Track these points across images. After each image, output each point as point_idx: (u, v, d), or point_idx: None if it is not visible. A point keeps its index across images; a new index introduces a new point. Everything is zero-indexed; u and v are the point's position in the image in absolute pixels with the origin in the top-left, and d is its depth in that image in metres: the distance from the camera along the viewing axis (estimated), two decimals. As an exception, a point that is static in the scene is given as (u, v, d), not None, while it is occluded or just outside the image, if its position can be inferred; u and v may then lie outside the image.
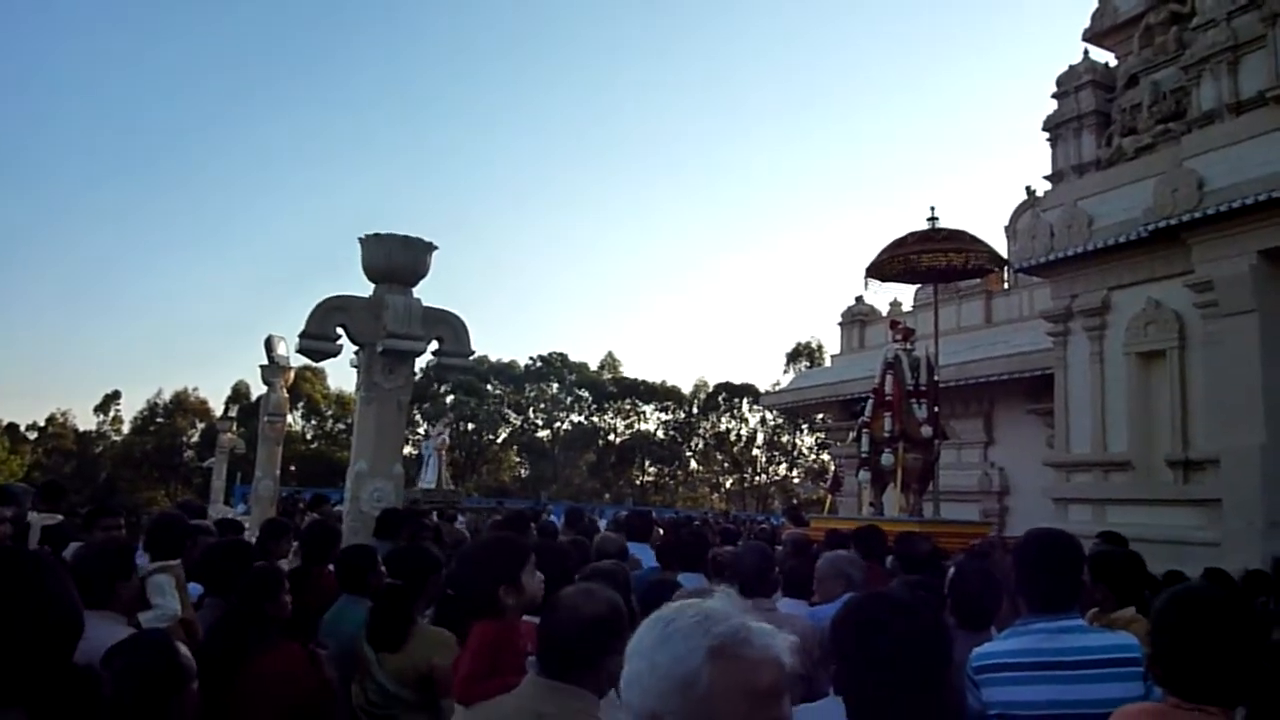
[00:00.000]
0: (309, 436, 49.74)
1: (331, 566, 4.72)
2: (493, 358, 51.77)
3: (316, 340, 6.06)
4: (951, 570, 4.31)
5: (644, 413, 55.17)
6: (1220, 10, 10.53)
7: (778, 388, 37.21)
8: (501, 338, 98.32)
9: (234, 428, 22.30)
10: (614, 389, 54.27)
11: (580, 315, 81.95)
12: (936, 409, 9.01)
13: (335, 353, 6.30)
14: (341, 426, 47.14)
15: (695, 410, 54.47)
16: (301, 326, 6.08)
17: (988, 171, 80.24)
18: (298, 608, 3.71)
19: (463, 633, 2.98)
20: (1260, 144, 9.68)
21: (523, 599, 2.82)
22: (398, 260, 6.24)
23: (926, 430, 8.64)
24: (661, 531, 9.60)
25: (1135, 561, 3.77)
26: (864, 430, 9.03)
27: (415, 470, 23.16)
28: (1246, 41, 10.21)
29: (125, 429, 51.30)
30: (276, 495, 13.13)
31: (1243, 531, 9.17)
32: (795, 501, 44.05)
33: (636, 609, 4.12)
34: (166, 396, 50.22)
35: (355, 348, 6.35)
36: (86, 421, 51.73)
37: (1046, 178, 13.69)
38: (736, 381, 53.22)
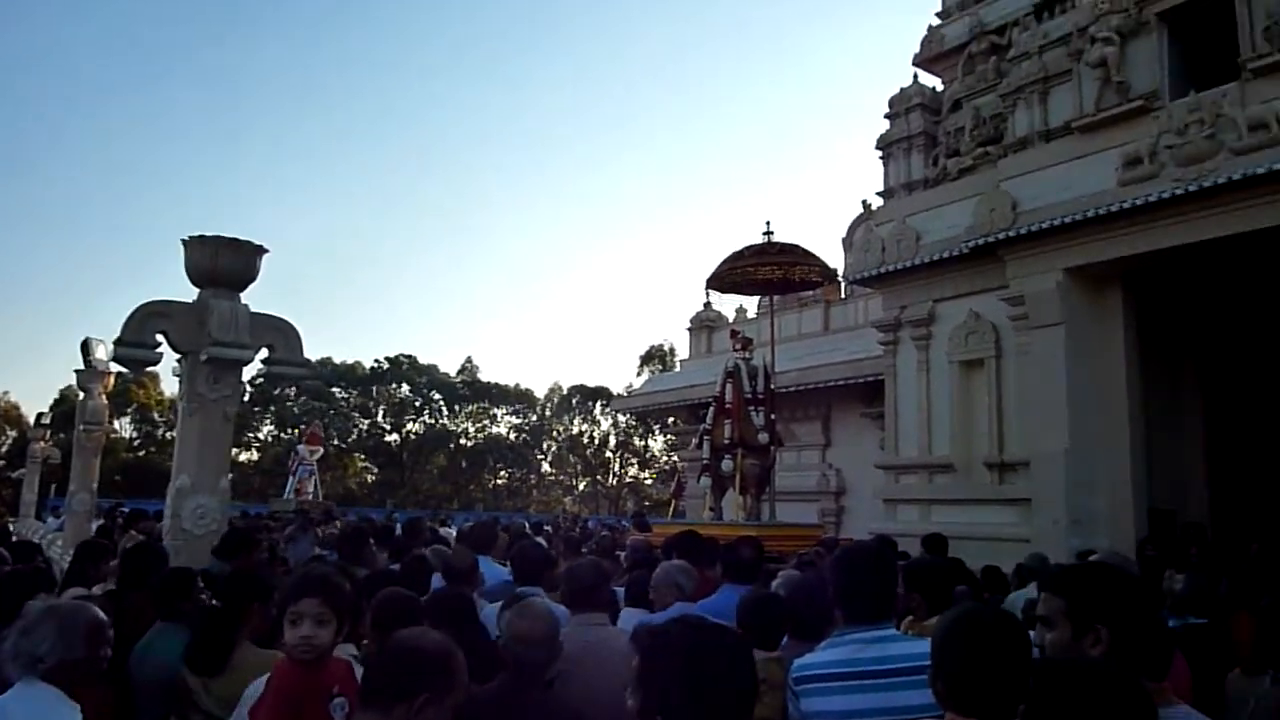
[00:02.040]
0: (138, 444, 46.72)
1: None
2: (336, 360, 50.12)
3: (134, 348, 5.70)
4: (776, 582, 4.46)
5: (496, 416, 54.62)
6: (1033, 44, 11.35)
7: (631, 390, 37.59)
8: (351, 341, 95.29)
9: (48, 436, 20.67)
10: (466, 392, 53.46)
11: (438, 321, 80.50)
12: (773, 416, 9.33)
13: (154, 361, 5.95)
14: (173, 435, 44.46)
15: (548, 413, 54.32)
16: (118, 333, 5.72)
17: (830, 181, 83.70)
18: (116, 638, 3.48)
19: None
20: (1067, 169, 10.48)
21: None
22: (224, 263, 5.94)
23: (763, 437, 8.93)
24: (507, 538, 9.53)
25: (946, 571, 3.99)
26: (705, 437, 9.25)
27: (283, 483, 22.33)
28: (1055, 74, 11.04)
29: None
30: (94, 509, 12.29)
31: (1049, 528, 9.89)
32: (645, 505, 44.55)
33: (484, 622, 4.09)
34: (-28, 400, 46.18)
35: (177, 356, 6.02)
36: (-125, 428, 46.91)
37: (879, 193, 14.40)
38: (591, 384, 53.45)
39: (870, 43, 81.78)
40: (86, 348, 11.67)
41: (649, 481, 53.27)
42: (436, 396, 52.81)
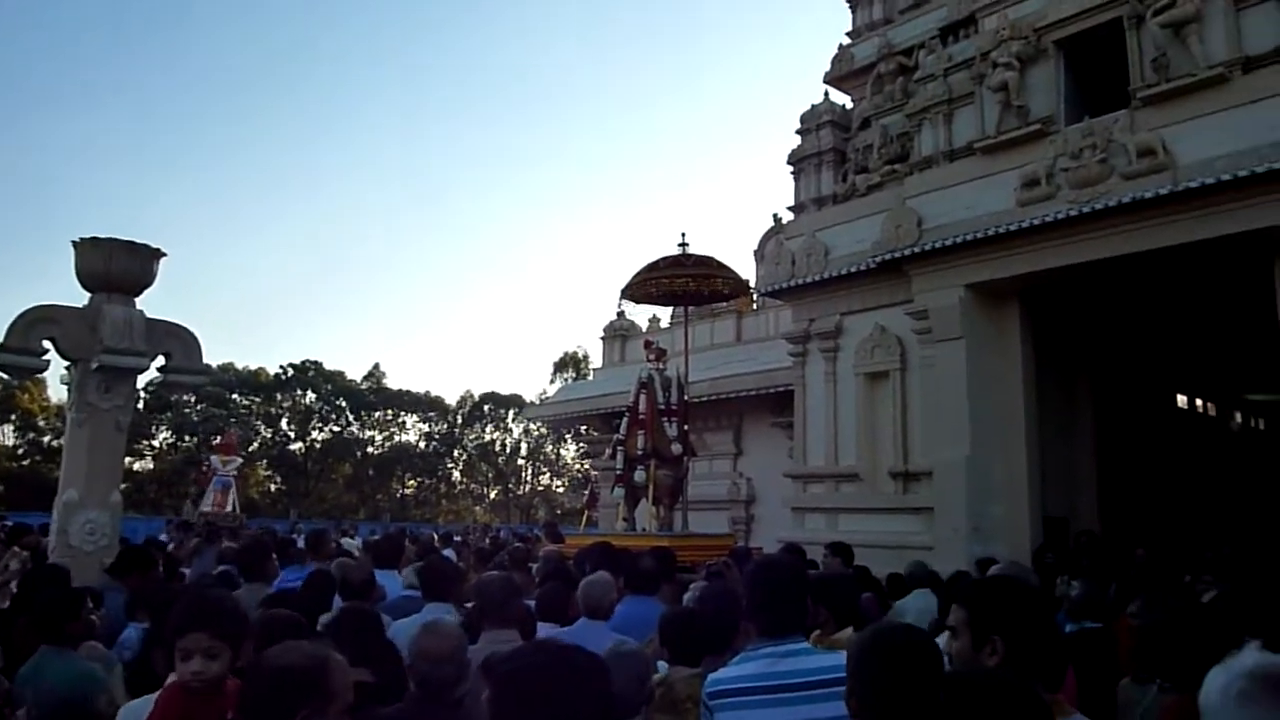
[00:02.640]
0: (21, 453, 44.39)
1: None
2: (239, 365, 48.60)
3: (18, 355, 5.45)
4: (689, 595, 4.47)
5: (404, 423, 53.69)
6: (939, 66, 11.70)
7: (544, 398, 37.37)
8: (254, 347, 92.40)
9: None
10: (373, 399, 52.40)
11: (347, 328, 78.72)
12: (686, 427, 9.37)
13: (41, 369, 5.69)
14: (60, 443, 42.41)
15: (459, 421, 53.64)
16: (1, 338, 5.44)
17: (745, 193, 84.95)
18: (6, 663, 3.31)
19: None
20: (970, 189, 10.83)
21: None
22: (119, 267, 5.72)
23: (676, 448, 8.95)
24: (416, 551, 9.34)
25: (853, 585, 4.06)
26: (619, 447, 9.23)
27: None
28: (959, 96, 11.40)
29: None
30: (-27, 523, 11.61)
31: (950, 536, 10.19)
32: (557, 513, 44.33)
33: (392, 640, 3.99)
34: None
35: (66, 363, 5.75)
36: None
37: (790, 208, 14.64)
38: (503, 392, 53.04)
39: (785, 59, 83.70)
40: (-34, 352, 11.04)
41: (561, 490, 53.05)
42: (343, 404, 51.64)
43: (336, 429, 51.68)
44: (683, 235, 10.00)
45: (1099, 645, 4.98)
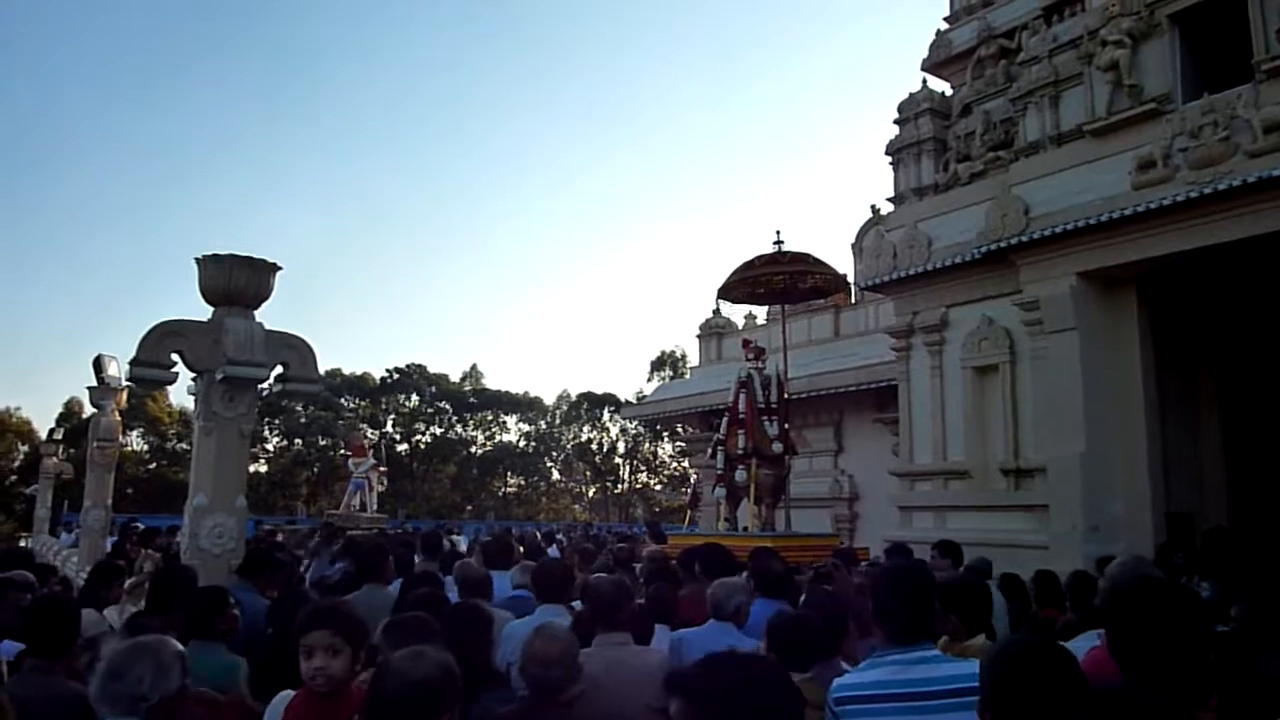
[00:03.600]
0: (149, 457, 46.87)
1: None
2: (346, 370, 50.23)
3: (149, 368, 5.71)
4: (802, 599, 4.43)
5: (505, 424, 54.67)
6: (1043, 48, 11.29)
7: (641, 397, 37.55)
8: (357, 351, 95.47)
9: (60, 451, 20.73)
10: (475, 400, 53.53)
11: (443, 329, 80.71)
12: (787, 426, 9.28)
13: (170, 381, 5.95)
14: (185, 446, 44.62)
15: (557, 420, 54.34)
16: (133, 353, 5.72)
17: (840, 186, 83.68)
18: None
19: None
20: (1080, 173, 10.41)
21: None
22: (238, 282, 5.94)
23: (777, 446, 8.89)
24: (523, 551, 9.49)
25: (984, 592, 3.95)
26: (719, 447, 9.21)
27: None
28: (1066, 78, 10.98)
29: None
30: (108, 525, 12.32)
31: (1066, 535, 9.82)
32: (655, 511, 44.48)
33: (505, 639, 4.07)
34: (-15, 416, 46.32)
35: (193, 375, 6.02)
36: (-112, 445, 47.04)
37: (890, 199, 14.36)
38: (599, 391, 53.48)
39: (879, 48, 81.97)
40: (99, 365, 11.71)
41: (659, 488, 53.23)
42: (446, 406, 52.89)
43: (439, 430, 52.97)
44: (778, 233, 9.93)
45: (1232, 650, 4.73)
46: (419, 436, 52.68)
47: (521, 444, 54.43)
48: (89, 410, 12.79)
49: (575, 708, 3.16)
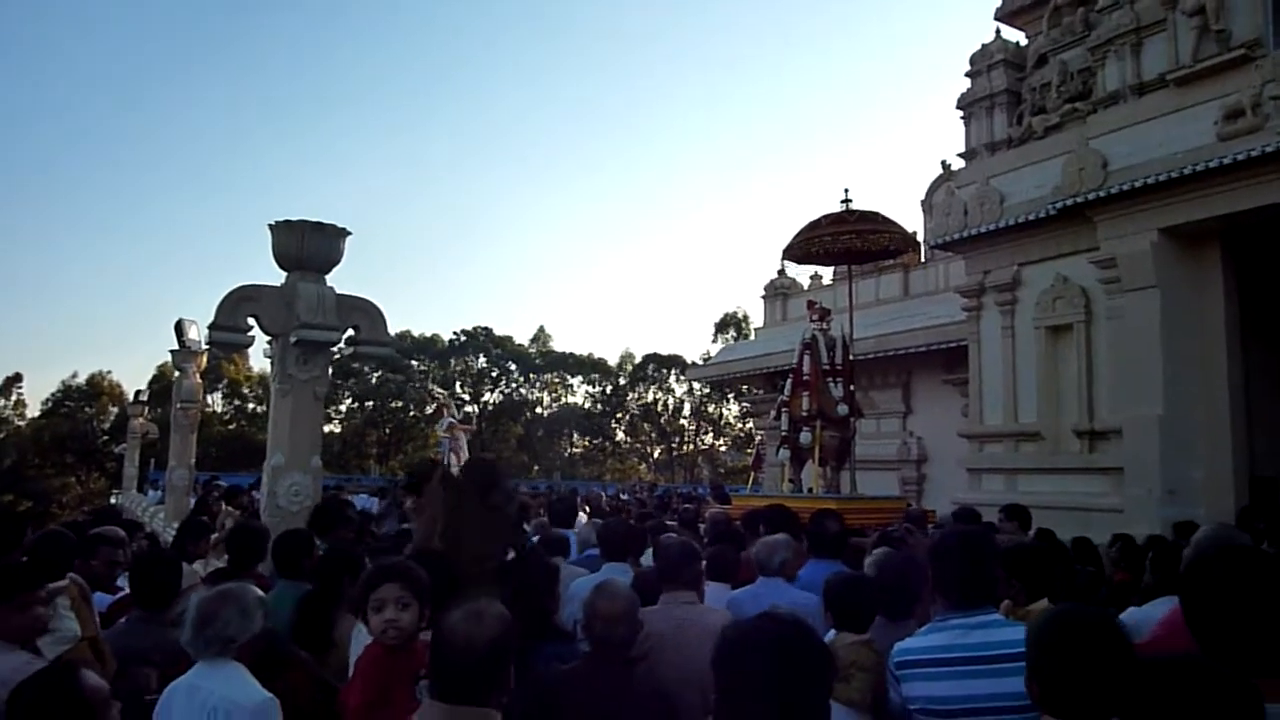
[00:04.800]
0: (229, 418, 48.44)
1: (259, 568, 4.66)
2: (415, 332, 51.04)
3: (227, 331, 5.88)
4: (869, 560, 4.41)
5: (571, 385, 55.12)
6: (1124, -7, 10.83)
7: (705, 358, 37.51)
8: (423, 313, 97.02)
9: (145, 412, 21.56)
10: (540, 362, 54.04)
11: (508, 289, 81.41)
12: (852, 388, 9.19)
13: (247, 344, 6.14)
14: (264, 408, 46.01)
15: (622, 382, 54.60)
16: (211, 317, 5.90)
17: (907, 139, 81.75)
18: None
19: None
20: (1161, 125, 10.02)
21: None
22: (310, 247, 6.06)
23: (842, 409, 8.80)
24: (589, 511, 9.62)
25: (1046, 555, 3.89)
26: (784, 409, 9.16)
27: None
28: (1148, 25, 10.53)
29: (30, 413, 49.28)
30: (191, 483, 12.82)
31: (1143, 498, 9.59)
32: (720, 472, 44.55)
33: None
34: (82, 379, 48.38)
35: (268, 338, 6.19)
36: (-11, 407, 49.47)
37: (961, 155, 13.99)
38: (664, 352, 53.52)
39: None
40: (180, 329, 12.11)
41: (723, 448, 53.28)
42: (512, 367, 53.50)
43: (506, 391, 53.65)
44: (845, 191, 9.75)
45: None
46: (486, 397, 53.43)
47: (587, 405, 54.86)
48: (175, 372, 13.27)
49: (640, 665, 3.21)
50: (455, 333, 53.15)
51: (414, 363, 51.13)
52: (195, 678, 2.67)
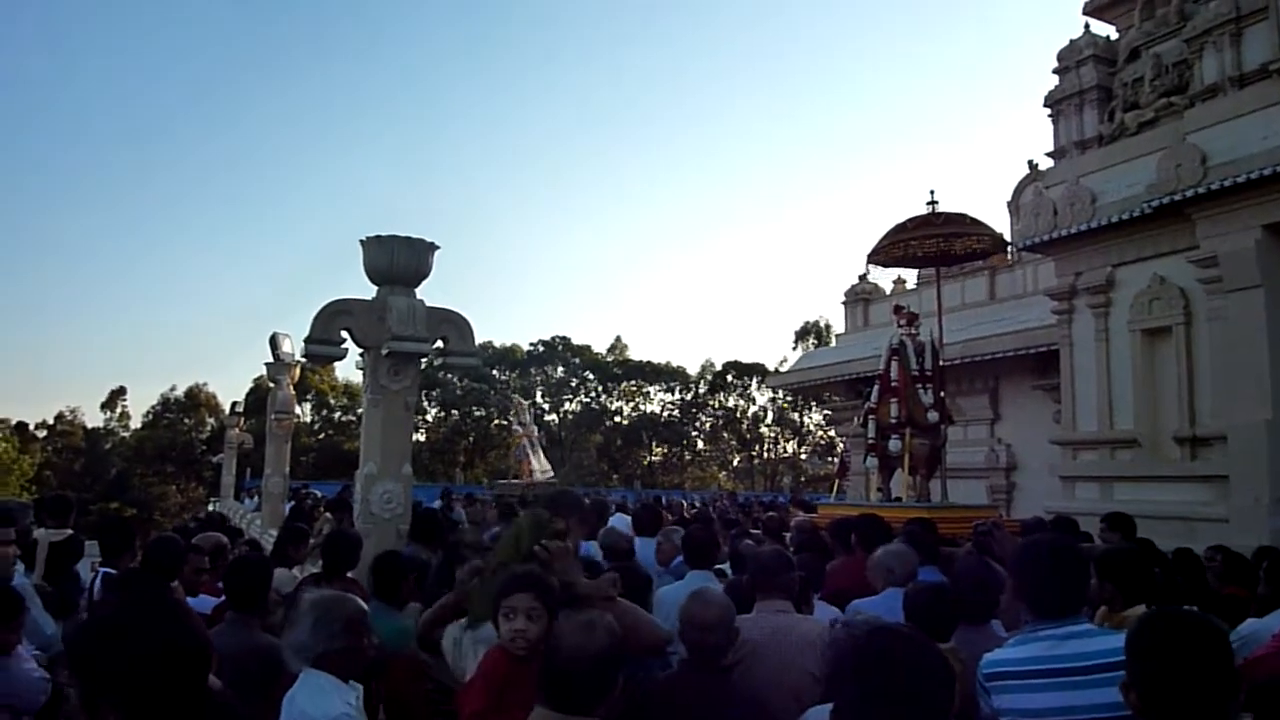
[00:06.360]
0: (316, 428, 49.90)
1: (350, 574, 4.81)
2: (496, 343, 51.82)
3: (321, 345, 6.07)
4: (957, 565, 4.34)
5: (649, 394, 55.27)
6: (1223, -19, 10.41)
7: (785, 366, 37.23)
8: (501, 323, 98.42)
9: (242, 423, 22.37)
10: (619, 371, 54.33)
11: (584, 298, 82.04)
12: (942, 394, 8.99)
13: (340, 356, 6.32)
14: (350, 418, 47.31)
15: (702, 390, 54.53)
16: (306, 331, 6.10)
17: (990, 140, 79.87)
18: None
19: None
20: (1263, 117, 9.59)
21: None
22: (400, 262, 6.23)
23: (932, 416, 8.61)
24: (670, 519, 9.62)
25: (1142, 559, 3.77)
26: (870, 416, 9.01)
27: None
28: (1249, 13, 10.11)
29: (133, 425, 51.57)
30: (286, 491, 13.23)
31: (1250, 508, 9.17)
32: (801, 481, 44.05)
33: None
34: (180, 392, 50.45)
35: (360, 350, 6.36)
36: (95, 419, 51.98)
37: (1049, 154, 13.62)
38: (745, 360, 53.32)
39: (1034, -7, 77.28)
40: (274, 342, 12.51)
41: (804, 456, 52.76)
42: (591, 376, 53.90)
43: (586, 400, 54.07)
44: (931, 193, 9.57)
45: None
46: (566, 406, 53.93)
47: (666, 413, 54.92)
48: (270, 384, 13.75)
49: (735, 673, 3.21)
50: (533, 343, 53.86)
51: (495, 372, 51.92)
52: (295, 686, 2.77)
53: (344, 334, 6.09)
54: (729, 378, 53.61)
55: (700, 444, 55.90)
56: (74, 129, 72.15)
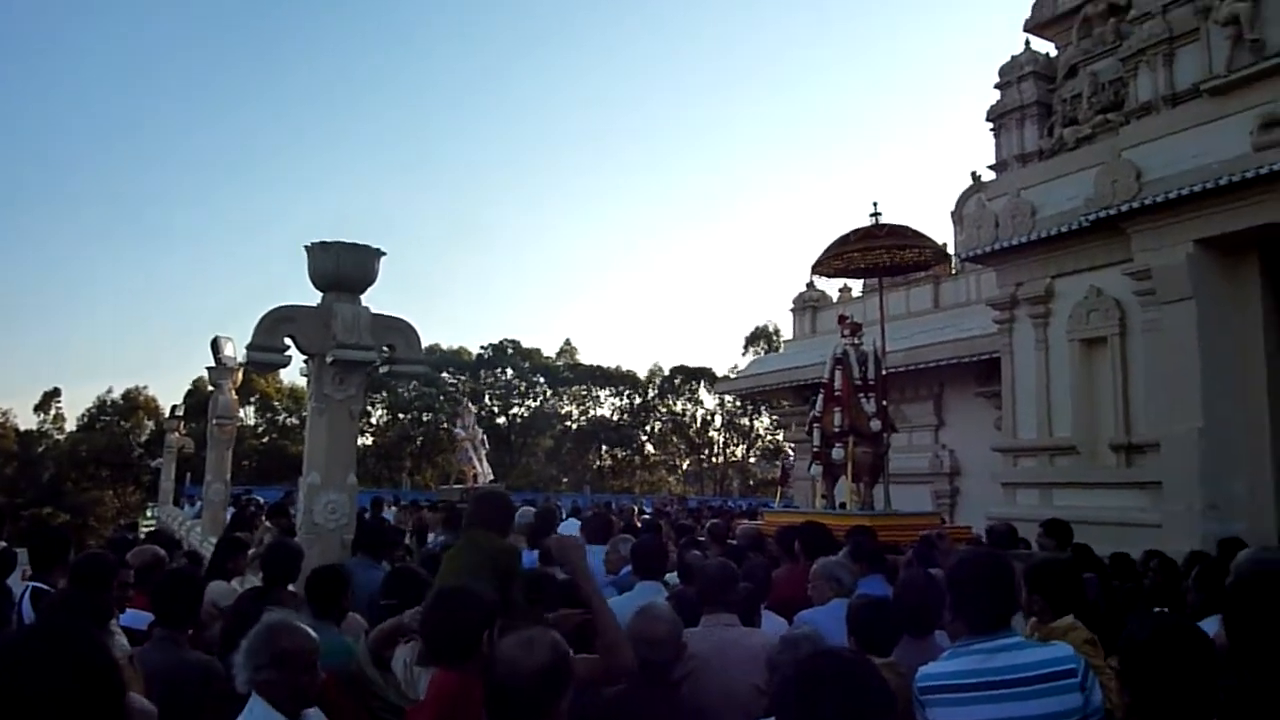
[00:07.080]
0: (261, 431, 48.97)
1: (290, 587, 4.71)
2: (444, 345, 51.39)
3: (264, 351, 5.94)
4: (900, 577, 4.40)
5: (599, 397, 55.20)
6: (1156, 3, 10.73)
7: (736, 371, 37.45)
8: (450, 325, 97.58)
9: (181, 427, 21.86)
10: (569, 374, 54.19)
11: (533, 302, 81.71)
12: (885, 403, 9.14)
13: (284, 364, 6.19)
14: (295, 421, 46.49)
15: (651, 394, 54.61)
16: (249, 338, 5.98)
17: (937, 147, 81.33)
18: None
19: None
20: (1195, 135, 9.90)
21: None
22: (345, 268, 6.12)
23: (875, 424, 8.75)
24: (623, 526, 9.61)
25: (1070, 570, 3.85)
26: (815, 424, 9.13)
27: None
28: (1181, 34, 10.43)
29: (68, 428, 50.11)
30: (228, 498, 12.96)
31: (1182, 514, 9.45)
32: (749, 485, 44.32)
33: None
34: (117, 394, 49.15)
35: (305, 358, 6.26)
36: (28, 421, 50.38)
37: (991, 166, 13.91)
38: (693, 365, 53.50)
39: (980, 9, 78.93)
40: (216, 346, 12.27)
41: (753, 460, 53.11)
42: (540, 380, 53.69)
43: (534, 403, 53.84)
44: (874, 205, 9.72)
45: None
46: (515, 410, 53.63)
47: (615, 418, 54.90)
48: (210, 388, 13.47)
49: (683, 687, 3.22)
50: (483, 346, 53.51)
51: (445, 375, 51.46)
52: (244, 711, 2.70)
53: (288, 341, 5.98)
54: (677, 381, 53.77)
55: (650, 448, 55.98)
56: (5, 126, 69.90)
